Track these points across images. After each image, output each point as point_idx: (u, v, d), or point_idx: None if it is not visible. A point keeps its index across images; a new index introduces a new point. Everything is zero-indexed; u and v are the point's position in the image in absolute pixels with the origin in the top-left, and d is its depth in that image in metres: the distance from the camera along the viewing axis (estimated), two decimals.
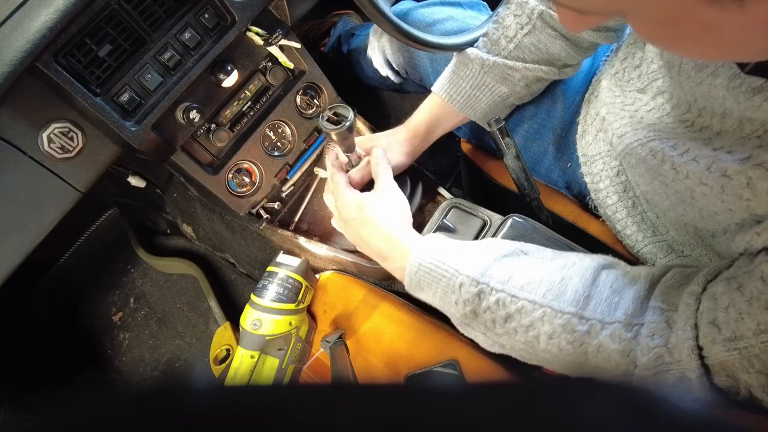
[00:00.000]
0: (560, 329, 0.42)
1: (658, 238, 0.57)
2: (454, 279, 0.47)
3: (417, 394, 0.15)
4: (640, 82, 0.52)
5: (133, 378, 1.14)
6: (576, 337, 0.41)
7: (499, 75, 0.64)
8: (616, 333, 0.40)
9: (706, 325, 0.36)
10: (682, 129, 0.44)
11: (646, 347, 0.39)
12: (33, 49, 0.48)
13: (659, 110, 0.48)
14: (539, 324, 0.43)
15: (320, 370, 0.70)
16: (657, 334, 0.38)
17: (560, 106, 0.70)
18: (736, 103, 0.36)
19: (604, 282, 0.43)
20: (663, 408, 0.13)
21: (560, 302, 0.42)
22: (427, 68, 0.80)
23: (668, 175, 0.43)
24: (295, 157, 0.80)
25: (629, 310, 0.40)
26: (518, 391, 0.15)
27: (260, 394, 0.15)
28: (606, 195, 0.61)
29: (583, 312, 0.41)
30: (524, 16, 0.60)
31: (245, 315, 0.67)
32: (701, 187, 0.39)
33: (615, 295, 0.42)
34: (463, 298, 0.47)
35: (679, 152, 0.41)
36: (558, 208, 0.71)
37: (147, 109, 0.59)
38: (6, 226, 0.57)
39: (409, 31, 0.60)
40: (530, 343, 0.44)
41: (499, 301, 0.45)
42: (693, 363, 0.36)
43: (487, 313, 0.46)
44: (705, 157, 0.38)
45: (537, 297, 0.43)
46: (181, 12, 0.60)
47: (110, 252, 1.22)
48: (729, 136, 0.39)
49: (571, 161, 0.69)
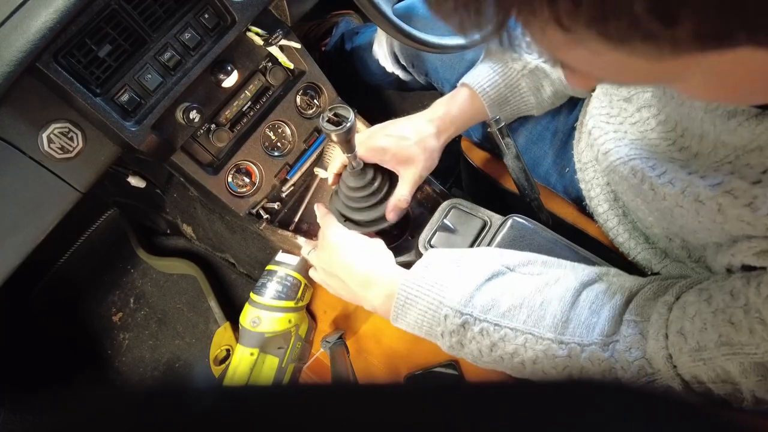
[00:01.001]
0: (542, 355, 0.43)
1: (651, 245, 0.57)
2: (439, 311, 0.47)
3: (417, 394, 0.15)
4: (626, 91, 0.52)
5: (133, 378, 1.14)
6: (558, 363, 0.42)
7: (534, 83, 0.63)
8: (594, 355, 0.40)
9: (674, 334, 0.37)
10: (664, 146, 0.44)
11: (625, 362, 0.39)
12: (33, 49, 0.48)
13: (644, 124, 0.48)
14: (522, 351, 0.44)
15: (320, 370, 0.70)
16: (634, 346, 0.39)
17: (564, 111, 0.70)
18: (713, 126, 0.36)
19: (584, 303, 0.43)
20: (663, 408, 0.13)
21: (540, 328, 0.43)
22: (434, 62, 0.80)
23: (648, 194, 0.43)
24: (295, 158, 0.80)
25: (605, 330, 0.41)
26: (519, 391, 0.15)
27: (260, 395, 0.15)
28: (597, 203, 0.61)
29: (562, 337, 0.42)
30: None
31: (245, 313, 0.67)
32: (678, 209, 0.40)
33: (593, 316, 0.42)
34: (449, 330, 0.47)
35: (657, 173, 0.41)
36: (558, 209, 0.71)
37: (147, 110, 0.59)
38: (6, 226, 0.57)
39: (410, 31, 0.60)
40: (517, 369, 0.45)
41: (482, 330, 0.45)
42: (671, 371, 0.37)
43: (473, 343, 0.46)
44: (680, 181, 0.39)
45: (518, 324, 0.44)
46: (181, 12, 0.60)
47: (110, 252, 1.22)
48: (704, 159, 0.39)
49: (569, 167, 0.69)
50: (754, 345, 0.32)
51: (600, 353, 0.40)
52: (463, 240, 0.63)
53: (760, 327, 0.32)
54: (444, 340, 0.48)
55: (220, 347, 0.96)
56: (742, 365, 0.33)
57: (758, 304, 0.32)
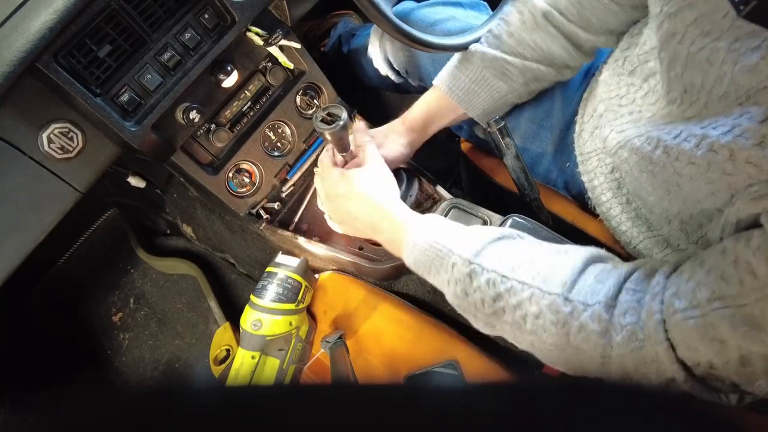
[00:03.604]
0: (546, 309, 0.43)
1: (653, 233, 0.58)
2: (447, 259, 0.49)
3: (417, 394, 0.15)
4: (629, 65, 0.53)
5: (133, 378, 1.14)
6: (559, 318, 0.42)
7: (498, 70, 0.64)
8: (596, 314, 0.41)
9: (669, 297, 0.38)
10: (676, 111, 0.45)
11: (619, 326, 0.40)
12: (33, 49, 0.48)
13: (654, 93, 0.49)
14: (527, 304, 0.44)
15: (320, 370, 0.70)
16: (629, 312, 0.40)
17: (558, 106, 0.70)
18: (733, 64, 0.37)
19: (590, 272, 0.45)
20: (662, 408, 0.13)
21: (548, 284, 0.44)
22: (428, 68, 0.80)
23: (659, 161, 0.44)
24: (295, 158, 0.80)
25: (610, 294, 0.42)
26: (520, 392, 0.15)
27: (261, 394, 0.15)
28: (601, 192, 0.62)
29: (568, 294, 0.43)
30: (527, 13, 0.61)
31: (245, 316, 0.67)
32: (689, 168, 0.40)
33: (599, 284, 0.43)
34: (454, 278, 0.48)
35: (672, 135, 0.42)
36: (557, 208, 0.71)
37: (147, 110, 0.59)
38: (6, 226, 0.57)
39: (410, 32, 0.60)
40: (517, 324, 0.45)
41: (489, 281, 0.46)
42: (659, 335, 0.37)
43: (477, 293, 0.47)
44: (694, 137, 0.39)
45: (526, 278, 0.45)
46: (181, 12, 0.60)
47: (110, 252, 1.22)
48: (714, 106, 0.40)
49: (569, 161, 0.69)
50: (743, 296, 0.33)
51: (602, 313, 0.41)
52: None
53: (750, 277, 0.33)
54: (449, 287, 0.49)
55: (220, 347, 0.96)
56: (732, 318, 0.33)
57: (748, 256, 0.33)
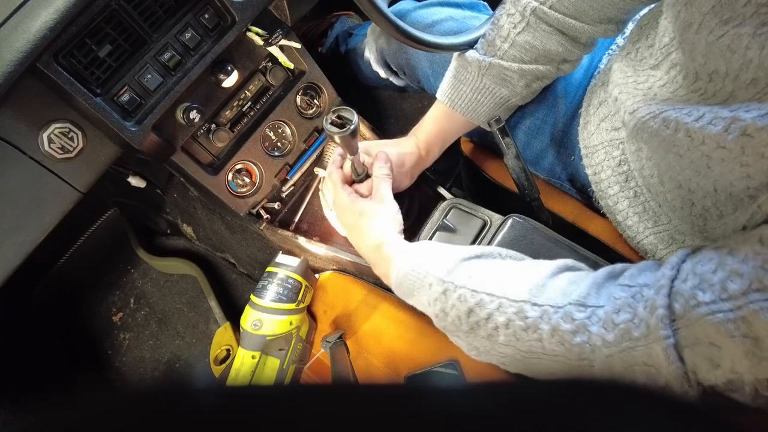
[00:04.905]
0: (514, 317, 0.42)
1: (660, 228, 0.57)
2: (425, 280, 0.50)
3: (417, 394, 0.15)
4: (653, 59, 0.52)
5: (134, 378, 1.14)
6: (529, 324, 0.41)
7: (497, 77, 0.63)
8: (568, 314, 0.40)
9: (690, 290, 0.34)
10: (696, 98, 0.43)
11: (611, 324, 0.37)
12: (33, 49, 0.48)
13: (673, 83, 0.48)
14: (496, 315, 0.44)
15: (321, 370, 0.70)
16: (623, 309, 0.37)
17: (561, 101, 0.70)
18: (760, 49, 0.35)
19: (563, 276, 0.44)
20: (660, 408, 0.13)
21: (515, 292, 0.44)
22: (426, 70, 0.80)
23: (683, 144, 0.41)
24: (295, 158, 0.80)
25: (583, 294, 0.40)
26: (521, 392, 0.15)
27: (261, 394, 0.15)
28: (608, 185, 0.61)
29: (535, 299, 0.42)
30: (517, 14, 0.59)
31: (245, 316, 0.67)
32: (719, 152, 0.37)
33: (572, 285, 0.42)
34: (432, 297, 0.49)
35: (693, 118, 0.40)
36: (558, 208, 0.71)
37: (147, 110, 0.59)
38: (6, 227, 0.57)
39: (408, 30, 0.60)
40: (491, 337, 0.45)
41: (461, 297, 0.46)
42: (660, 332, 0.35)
43: (453, 310, 0.47)
44: (722, 120, 0.37)
45: (494, 290, 0.45)
46: (181, 12, 0.60)
47: (110, 252, 1.22)
48: (743, 94, 0.38)
49: (573, 155, 0.68)
50: None
51: (575, 312, 0.39)
52: (463, 240, 0.63)
53: None
54: (431, 308, 0.50)
55: (220, 347, 0.96)
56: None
57: None
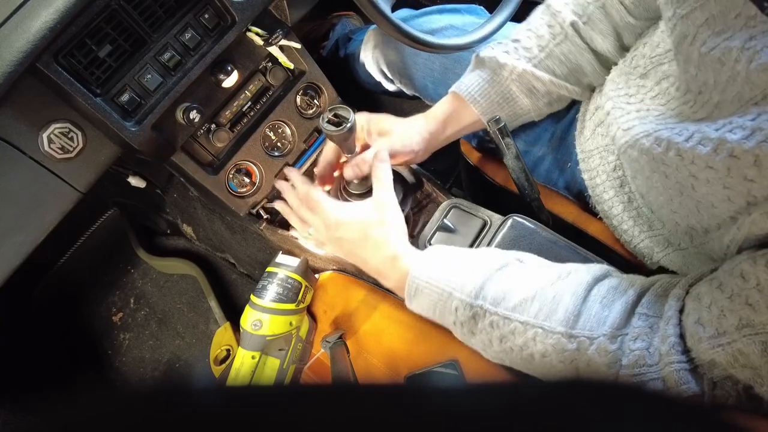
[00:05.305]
0: (551, 348, 0.43)
1: (654, 232, 0.57)
2: (449, 303, 0.49)
3: (417, 393, 0.15)
4: (642, 68, 0.53)
5: (134, 378, 1.14)
6: (566, 356, 0.42)
7: (525, 85, 0.63)
8: (602, 347, 0.41)
9: (692, 325, 0.37)
10: (688, 111, 0.44)
11: (628, 350, 0.39)
12: (33, 49, 0.48)
13: (664, 95, 0.48)
14: (532, 344, 0.44)
15: (321, 370, 0.70)
16: (640, 338, 0.39)
17: (562, 110, 0.70)
18: (748, 63, 0.36)
19: (594, 297, 0.44)
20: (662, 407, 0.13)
21: (551, 322, 0.43)
22: (422, 80, 0.80)
23: (672, 163, 0.43)
24: (295, 158, 0.80)
25: (615, 323, 0.41)
26: (522, 392, 0.15)
27: (261, 394, 0.15)
28: (603, 190, 0.61)
29: (572, 331, 0.42)
30: (557, 26, 0.61)
31: (245, 316, 0.67)
32: (706, 172, 0.39)
33: (605, 310, 0.43)
34: (459, 321, 0.48)
35: (684, 138, 0.41)
36: (558, 208, 0.71)
37: (147, 110, 0.59)
38: (6, 227, 0.57)
39: (410, 31, 0.60)
40: (526, 360, 0.46)
41: (492, 323, 0.46)
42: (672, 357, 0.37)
43: (483, 333, 0.47)
44: (710, 141, 0.38)
45: (529, 318, 0.44)
46: (181, 12, 0.60)
47: (110, 252, 1.22)
48: (728, 106, 0.39)
49: (570, 161, 0.69)
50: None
51: (608, 345, 0.40)
52: (463, 240, 0.63)
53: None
54: (455, 328, 0.50)
55: (220, 347, 0.96)
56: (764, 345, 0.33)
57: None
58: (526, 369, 0.47)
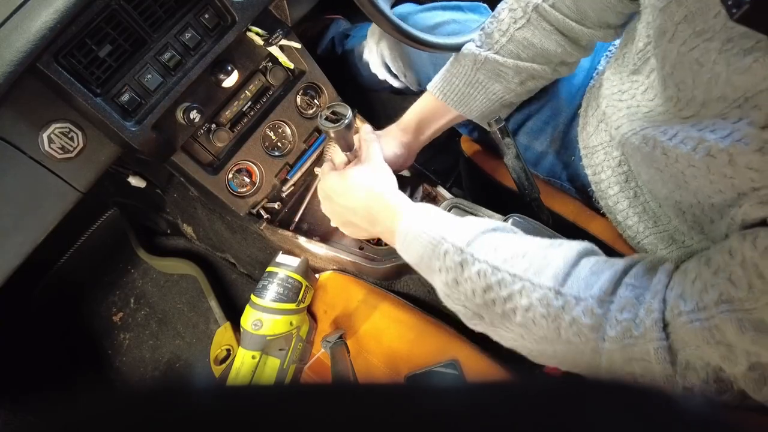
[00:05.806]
0: (537, 302, 0.42)
1: (660, 228, 0.57)
2: (440, 246, 0.48)
3: (417, 393, 0.15)
4: (633, 65, 0.53)
5: (134, 378, 1.14)
6: (550, 311, 0.42)
7: (491, 71, 0.63)
8: (588, 308, 0.40)
9: (674, 299, 0.37)
10: (673, 109, 0.44)
11: (614, 321, 0.39)
12: (33, 49, 0.48)
13: (653, 89, 0.48)
14: (517, 297, 0.43)
15: (321, 370, 0.70)
16: (626, 308, 0.39)
17: (564, 103, 0.70)
18: (727, 65, 0.36)
19: (585, 264, 0.44)
20: (670, 410, 0.13)
21: (539, 277, 0.43)
22: (429, 72, 0.80)
23: (660, 160, 0.43)
24: (295, 157, 0.80)
25: (603, 288, 0.41)
26: (522, 392, 0.15)
27: (262, 393, 0.15)
28: (608, 185, 0.61)
29: (560, 288, 0.42)
30: (519, 10, 0.59)
31: (246, 316, 0.67)
32: (690, 170, 0.39)
33: (593, 276, 0.42)
34: (446, 266, 0.47)
35: (668, 137, 0.41)
36: (558, 207, 0.71)
37: (147, 110, 0.59)
38: (6, 227, 0.57)
39: (409, 31, 0.60)
40: (506, 316, 0.45)
41: (480, 271, 0.45)
42: (653, 334, 0.37)
43: (468, 282, 0.46)
44: (691, 139, 0.39)
45: (518, 271, 0.44)
46: (181, 12, 0.60)
47: (110, 252, 1.22)
48: (713, 106, 0.39)
49: (574, 155, 0.69)
50: (753, 299, 0.32)
51: (595, 307, 0.40)
52: None
53: (759, 281, 0.32)
54: (440, 275, 0.48)
55: (220, 347, 0.96)
56: (740, 322, 0.32)
57: (755, 258, 0.32)
58: (502, 326, 0.46)
